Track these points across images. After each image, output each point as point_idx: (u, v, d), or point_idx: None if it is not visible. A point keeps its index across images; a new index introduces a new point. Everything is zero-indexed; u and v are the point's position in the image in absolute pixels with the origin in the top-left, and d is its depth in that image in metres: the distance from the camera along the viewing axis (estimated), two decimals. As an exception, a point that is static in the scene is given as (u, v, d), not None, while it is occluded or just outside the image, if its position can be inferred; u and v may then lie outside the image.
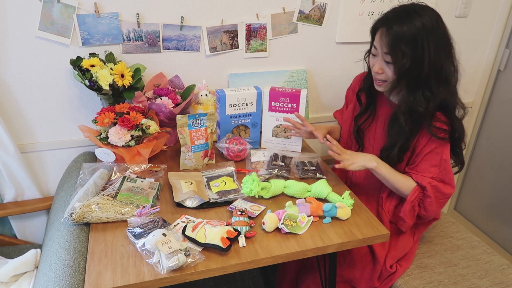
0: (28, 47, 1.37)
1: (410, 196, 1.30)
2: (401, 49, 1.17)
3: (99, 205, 1.13)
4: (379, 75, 1.27)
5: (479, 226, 2.24)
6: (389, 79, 1.26)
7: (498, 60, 2.01)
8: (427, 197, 1.29)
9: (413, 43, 1.16)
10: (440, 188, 1.28)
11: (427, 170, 1.29)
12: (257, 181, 1.24)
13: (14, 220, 1.60)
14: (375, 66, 1.27)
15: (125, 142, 1.32)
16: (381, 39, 1.22)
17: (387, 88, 1.29)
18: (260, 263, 1.05)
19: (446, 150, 1.29)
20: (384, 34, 1.20)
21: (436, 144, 1.27)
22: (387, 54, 1.21)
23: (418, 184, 1.30)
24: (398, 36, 1.17)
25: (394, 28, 1.17)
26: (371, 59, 1.30)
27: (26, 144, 1.51)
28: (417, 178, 1.30)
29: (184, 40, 1.53)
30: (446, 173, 1.29)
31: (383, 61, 1.24)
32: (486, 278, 1.40)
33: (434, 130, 1.25)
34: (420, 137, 1.29)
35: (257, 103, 1.52)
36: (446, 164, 1.29)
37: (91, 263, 1.00)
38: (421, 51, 1.17)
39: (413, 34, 1.16)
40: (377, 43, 1.24)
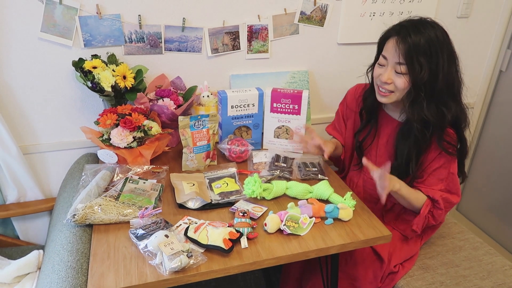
0: (30, 48, 1.38)
1: (424, 210, 1.30)
2: (418, 60, 1.16)
3: (101, 206, 1.14)
4: (387, 85, 1.25)
5: (482, 227, 2.24)
6: (397, 90, 1.24)
7: (500, 61, 2.01)
8: (438, 209, 1.31)
9: (429, 54, 1.16)
10: (449, 199, 1.32)
11: (435, 183, 1.31)
12: (259, 182, 1.24)
13: (16, 221, 1.60)
14: (383, 75, 1.24)
15: (127, 144, 1.33)
16: (394, 49, 1.19)
17: (391, 100, 1.27)
18: (262, 264, 1.05)
19: (453, 165, 1.31)
20: (399, 43, 1.18)
21: (445, 160, 1.28)
22: (400, 64, 1.19)
23: (429, 198, 1.31)
24: (415, 46, 1.16)
25: (411, 37, 1.16)
26: (378, 69, 1.28)
27: (28, 145, 1.51)
28: (427, 192, 1.31)
29: (185, 42, 1.53)
30: (453, 185, 1.32)
31: (393, 71, 1.22)
32: (488, 279, 1.39)
33: (445, 145, 1.25)
34: (429, 153, 1.29)
35: (259, 104, 1.52)
36: (453, 177, 1.31)
37: (94, 264, 1.00)
38: (435, 63, 1.17)
39: (429, 45, 1.16)
40: (389, 53, 1.22)
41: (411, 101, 1.23)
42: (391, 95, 1.27)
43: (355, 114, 1.51)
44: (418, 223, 1.33)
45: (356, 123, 1.51)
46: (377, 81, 1.29)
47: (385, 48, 1.25)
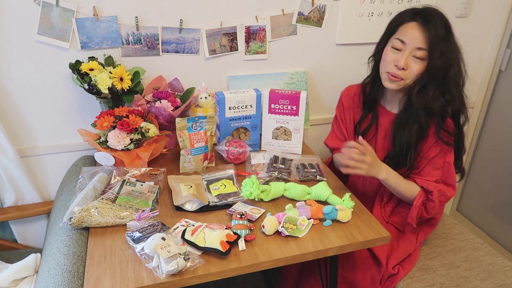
0: (27, 51, 1.37)
1: (416, 201, 1.29)
2: (438, 46, 1.16)
3: (98, 209, 1.13)
4: (402, 72, 1.22)
5: (482, 227, 2.23)
6: (409, 77, 1.23)
7: (499, 60, 2.00)
8: (430, 201, 1.29)
9: (447, 41, 1.17)
10: (444, 191, 1.30)
11: (430, 174, 1.30)
12: (257, 184, 1.23)
13: (14, 225, 1.60)
14: (399, 61, 1.21)
15: (124, 146, 1.32)
16: (416, 33, 1.18)
17: (400, 86, 1.26)
18: (260, 266, 1.04)
19: (450, 154, 1.30)
20: (421, 28, 1.17)
21: (441, 148, 1.27)
22: (421, 50, 1.18)
23: (423, 189, 1.30)
24: (437, 32, 1.17)
25: (432, 24, 1.17)
26: (392, 54, 1.25)
27: (25, 148, 1.51)
28: (421, 183, 1.30)
29: (183, 43, 1.53)
30: (448, 175, 1.30)
31: (411, 57, 1.21)
32: (489, 280, 1.38)
33: (442, 134, 1.25)
34: (426, 140, 1.29)
35: (256, 105, 1.51)
36: (449, 167, 1.30)
37: (90, 268, 0.99)
38: (451, 52, 1.18)
39: (446, 32, 1.18)
40: (409, 37, 1.20)
41: (420, 87, 1.22)
42: (401, 82, 1.25)
43: (353, 110, 1.49)
44: (412, 215, 1.31)
45: (356, 118, 1.49)
46: (389, 67, 1.26)
47: (401, 32, 1.23)
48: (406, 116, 1.29)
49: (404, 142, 1.30)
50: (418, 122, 1.26)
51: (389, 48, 1.27)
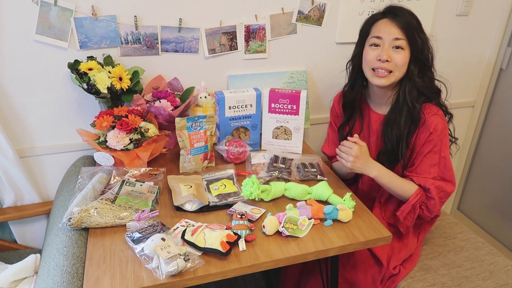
0: (26, 51, 1.37)
1: (412, 199, 1.28)
2: (413, 32, 1.24)
3: (97, 209, 1.12)
4: (387, 64, 1.26)
5: (483, 227, 2.22)
6: (396, 68, 1.26)
7: (500, 59, 1.99)
8: (430, 199, 1.28)
9: (419, 28, 1.26)
10: (443, 187, 1.29)
11: (427, 171, 1.29)
12: (257, 184, 1.22)
13: (14, 225, 1.59)
14: (381, 54, 1.26)
15: (123, 146, 1.31)
16: (389, 26, 1.25)
17: (390, 81, 1.28)
18: (261, 267, 1.03)
19: (444, 147, 1.29)
20: (393, 21, 1.25)
21: (435, 143, 1.27)
22: (399, 39, 1.24)
23: (421, 187, 1.29)
24: (407, 21, 1.24)
25: (400, 16, 1.25)
26: (372, 51, 1.29)
27: (25, 149, 1.50)
28: (419, 180, 1.29)
29: (182, 42, 1.52)
30: (446, 170, 1.30)
31: (390, 48, 1.25)
32: (490, 280, 1.38)
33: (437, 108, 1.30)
34: (418, 136, 1.29)
35: (256, 104, 1.50)
36: (445, 161, 1.29)
37: (90, 268, 0.99)
38: (424, 35, 1.27)
39: (415, 22, 1.26)
40: (383, 32, 1.26)
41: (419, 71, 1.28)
42: (390, 76, 1.28)
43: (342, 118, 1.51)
44: (404, 209, 1.30)
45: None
46: (372, 64, 1.29)
47: (375, 30, 1.29)
48: (395, 113, 1.32)
49: (394, 137, 1.31)
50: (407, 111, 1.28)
51: (367, 47, 1.32)
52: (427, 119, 1.28)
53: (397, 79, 1.29)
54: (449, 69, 1.96)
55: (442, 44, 1.88)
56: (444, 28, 1.85)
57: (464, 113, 2.15)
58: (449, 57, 1.93)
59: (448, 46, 1.90)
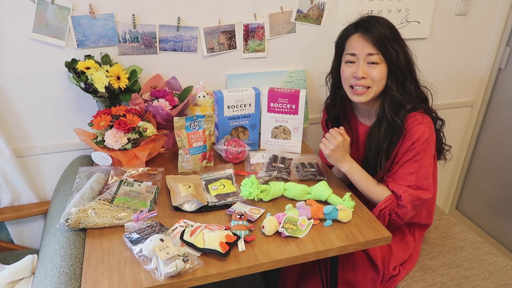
0: (23, 49, 1.35)
1: (381, 204, 1.28)
2: (387, 45, 1.22)
3: (95, 210, 1.11)
4: (363, 81, 1.26)
5: (482, 226, 2.22)
6: (373, 83, 1.26)
7: (499, 58, 1.99)
8: (401, 207, 1.27)
9: (394, 38, 1.24)
10: (418, 195, 1.26)
11: (403, 179, 1.28)
12: (256, 184, 1.22)
13: (10, 225, 1.58)
14: (357, 72, 1.25)
15: (121, 145, 1.30)
16: (361, 41, 1.23)
17: (369, 97, 1.28)
18: (260, 268, 1.03)
19: (426, 156, 1.26)
20: (365, 35, 1.23)
21: (416, 151, 1.25)
22: (372, 55, 1.23)
23: (394, 193, 1.28)
24: (381, 34, 1.22)
25: (372, 29, 1.23)
26: (348, 69, 1.29)
27: (21, 148, 1.49)
28: (393, 186, 1.28)
29: (181, 41, 1.51)
30: (423, 179, 1.27)
31: (365, 64, 1.25)
32: (490, 280, 1.38)
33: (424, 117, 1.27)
34: (401, 145, 1.28)
35: (255, 104, 1.49)
36: (424, 170, 1.27)
37: (87, 270, 0.98)
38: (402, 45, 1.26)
39: (389, 32, 1.24)
40: (356, 48, 1.25)
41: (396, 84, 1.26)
42: (369, 91, 1.28)
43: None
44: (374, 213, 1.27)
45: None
46: (349, 81, 1.30)
47: (348, 46, 1.29)
48: (377, 125, 1.32)
49: (373, 148, 1.31)
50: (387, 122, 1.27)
51: (343, 64, 1.32)
52: (411, 129, 1.25)
53: (377, 94, 1.29)
54: (448, 68, 1.96)
55: (440, 43, 1.88)
56: (443, 27, 1.85)
57: (463, 112, 2.15)
58: (448, 57, 1.93)
59: (447, 45, 1.89)
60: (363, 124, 1.42)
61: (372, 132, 1.33)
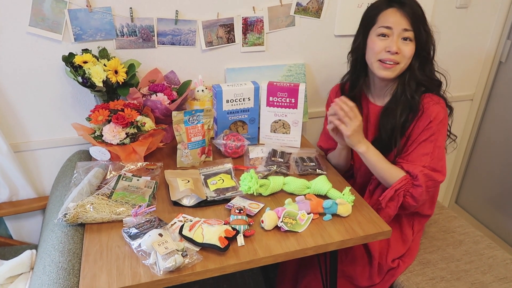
0: (19, 43, 1.34)
1: (396, 184, 1.25)
2: (420, 25, 1.23)
3: (93, 205, 1.11)
4: (395, 56, 1.24)
5: (482, 220, 2.22)
6: (403, 60, 1.25)
7: (500, 52, 1.98)
8: (417, 186, 1.25)
9: (424, 20, 1.24)
10: (432, 176, 1.25)
11: (418, 159, 1.27)
12: (255, 178, 1.21)
13: (9, 221, 1.58)
14: (391, 46, 1.23)
15: (120, 140, 1.30)
16: (398, 16, 1.22)
17: (396, 72, 1.27)
18: (260, 262, 1.02)
19: (441, 137, 1.27)
20: (402, 11, 1.22)
21: (432, 132, 1.26)
22: (408, 31, 1.22)
23: (409, 173, 1.26)
24: (415, 12, 1.22)
25: (408, 6, 1.23)
26: (380, 42, 1.26)
27: (19, 143, 1.48)
28: (408, 167, 1.27)
29: (179, 35, 1.50)
30: (437, 161, 1.27)
31: (400, 40, 1.23)
32: (489, 273, 1.38)
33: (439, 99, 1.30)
34: (417, 125, 1.28)
35: (254, 98, 1.48)
36: (439, 151, 1.27)
37: (86, 265, 0.98)
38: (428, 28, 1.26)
39: (421, 13, 1.24)
40: (392, 22, 1.23)
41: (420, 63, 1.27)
42: (396, 67, 1.26)
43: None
44: (386, 195, 1.27)
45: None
46: (380, 55, 1.26)
47: (383, 20, 1.26)
48: (393, 103, 1.31)
49: (389, 125, 1.30)
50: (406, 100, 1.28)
51: (374, 37, 1.28)
52: (428, 108, 1.26)
53: (402, 71, 1.28)
54: (448, 61, 1.94)
55: (441, 36, 1.86)
56: (444, 20, 1.83)
57: (463, 106, 2.14)
58: (448, 50, 1.91)
59: (447, 38, 1.88)
60: (374, 104, 1.40)
61: (387, 110, 1.32)
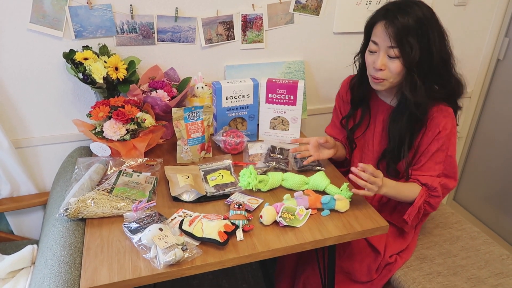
0: (20, 40, 1.35)
1: (418, 201, 1.27)
2: (408, 41, 1.14)
3: (94, 200, 1.12)
4: (380, 73, 1.22)
5: (479, 217, 2.24)
6: (390, 76, 1.22)
7: (498, 49, 1.99)
8: (435, 197, 1.28)
9: (419, 33, 1.15)
10: (446, 184, 1.30)
11: (432, 169, 1.28)
12: (254, 174, 1.22)
13: (10, 216, 1.59)
14: (376, 62, 1.21)
15: (120, 136, 1.31)
16: (384, 33, 1.17)
17: (385, 86, 1.25)
18: (258, 256, 1.04)
19: (452, 146, 1.28)
20: (388, 27, 1.16)
21: (442, 141, 1.25)
22: (392, 48, 1.17)
23: (427, 186, 1.28)
24: (404, 28, 1.14)
25: (399, 19, 1.14)
26: (369, 57, 1.25)
27: (20, 139, 1.49)
28: (425, 180, 1.28)
29: (179, 32, 1.50)
30: (450, 168, 1.30)
31: (386, 56, 1.20)
32: (485, 269, 1.39)
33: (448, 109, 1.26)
34: (425, 134, 1.27)
35: (254, 95, 1.50)
36: (451, 160, 1.29)
37: (87, 258, 0.99)
38: (427, 41, 1.16)
39: (419, 25, 1.15)
40: (379, 38, 1.20)
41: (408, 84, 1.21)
42: (385, 82, 1.24)
43: (348, 105, 1.48)
44: (411, 213, 1.29)
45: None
46: (370, 69, 1.26)
47: (373, 33, 1.23)
48: (398, 111, 1.29)
49: (397, 136, 1.29)
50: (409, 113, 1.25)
51: (367, 52, 1.27)
52: (436, 118, 1.24)
53: (393, 85, 1.25)
54: (447, 59, 1.95)
55: (439, 34, 1.87)
56: (442, 18, 1.80)
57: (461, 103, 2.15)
58: (446, 48, 1.92)
59: (445, 36, 1.89)
60: (383, 101, 1.39)
61: (394, 119, 1.30)
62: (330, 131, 1.57)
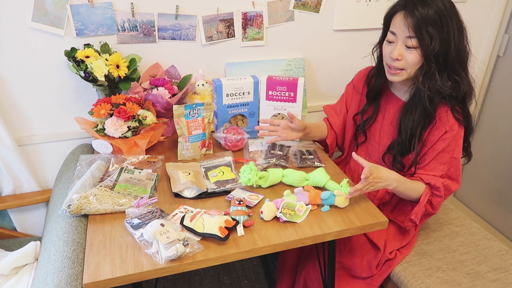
0: (22, 38, 1.36)
1: (423, 199, 1.28)
2: (428, 32, 1.14)
3: (96, 196, 1.13)
4: (397, 63, 1.22)
5: (478, 213, 2.25)
6: (407, 66, 1.22)
7: (498, 46, 1.99)
8: (437, 197, 1.29)
9: (439, 24, 1.15)
10: (449, 186, 1.30)
11: (436, 168, 1.28)
12: (255, 171, 1.23)
13: (13, 213, 1.60)
14: (393, 52, 1.21)
15: (122, 133, 1.32)
16: (403, 23, 1.17)
17: (402, 77, 1.24)
18: (259, 252, 1.05)
19: (458, 148, 1.28)
20: (407, 17, 1.16)
21: (449, 142, 1.26)
22: (411, 38, 1.17)
23: (430, 185, 1.28)
24: (423, 18, 1.14)
25: (419, 10, 1.14)
26: (387, 47, 1.25)
27: (23, 137, 1.50)
28: (428, 179, 1.28)
29: (179, 30, 1.51)
30: (454, 170, 1.30)
31: (403, 47, 1.20)
32: (484, 264, 1.40)
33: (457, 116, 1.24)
34: (431, 133, 1.27)
35: (254, 92, 1.50)
36: (456, 162, 1.29)
37: (90, 254, 1.00)
38: (446, 33, 1.16)
39: (438, 16, 1.14)
40: (397, 28, 1.20)
41: (423, 74, 1.20)
42: (402, 72, 1.24)
43: (360, 96, 1.48)
44: (418, 212, 1.29)
45: (361, 104, 1.48)
46: (387, 59, 1.26)
47: (392, 24, 1.23)
48: (412, 104, 1.28)
49: (408, 128, 1.28)
50: (422, 106, 1.24)
51: (385, 42, 1.27)
52: (443, 117, 1.24)
53: (410, 76, 1.24)
54: (446, 56, 1.95)
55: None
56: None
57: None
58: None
59: (445, 33, 1.89)
60: (395, 95, 1.38)
61: (407, 111, 1.29)
62: (327, 109, 1.60)
